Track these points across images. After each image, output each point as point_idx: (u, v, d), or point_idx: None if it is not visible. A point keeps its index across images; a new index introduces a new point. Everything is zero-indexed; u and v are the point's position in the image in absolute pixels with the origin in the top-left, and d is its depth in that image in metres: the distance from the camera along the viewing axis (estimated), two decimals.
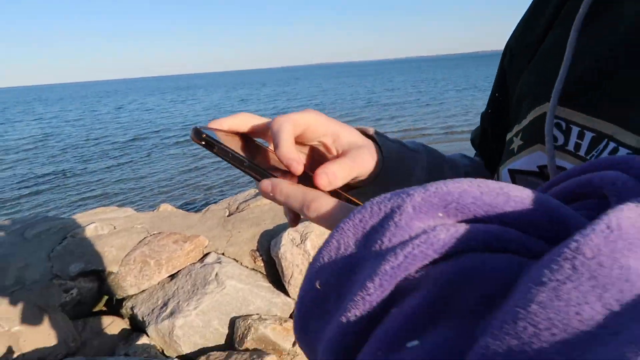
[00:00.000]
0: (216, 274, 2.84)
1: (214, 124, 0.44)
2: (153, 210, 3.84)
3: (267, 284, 2.96)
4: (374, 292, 0.22)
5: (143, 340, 2.53)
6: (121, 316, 2.78)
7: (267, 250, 3.18)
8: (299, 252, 3.00)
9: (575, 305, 0.17)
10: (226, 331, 2.63)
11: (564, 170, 0.43)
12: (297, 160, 0.39)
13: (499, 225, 0.23)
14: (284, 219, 3.51)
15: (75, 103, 40.51)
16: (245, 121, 0.46)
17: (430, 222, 0.24)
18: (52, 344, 2.40)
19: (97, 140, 15.19)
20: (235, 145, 0.42)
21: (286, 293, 2.91)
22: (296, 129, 0.44)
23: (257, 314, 2.70)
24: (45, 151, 13.67)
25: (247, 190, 4.22)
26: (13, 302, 2.53)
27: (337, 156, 0.46)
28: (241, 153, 0.40)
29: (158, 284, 2.87)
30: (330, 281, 0.25)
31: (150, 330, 2.56)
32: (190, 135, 0.40)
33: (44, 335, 2.42)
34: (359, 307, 0.22)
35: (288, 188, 0.36)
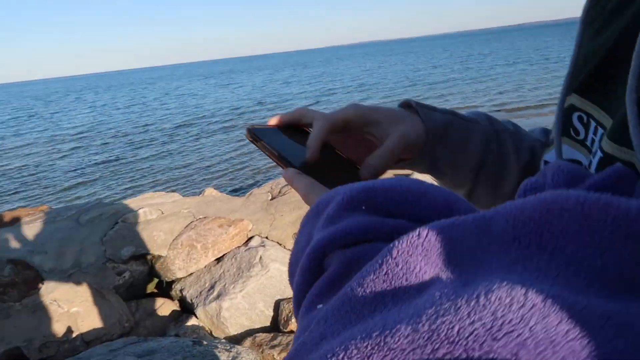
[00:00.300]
0: (260, 257, 2.89)
1: (272, 121, 0.53)
2: (198, 195, 3.93)
3: None
4: (305, 265, 0.28)
5: (192, 321, 2.62)
6: (171, 298, 2.88)
7: None
8: None
9: (366, 293, 0.21)
10: (271, 313, 2.68)
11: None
12: (312, 150, 0.47)
13: (406, 221, 0.28)
14: None
15: (124, 90, 41.99)
16: (299, 116, 0.53)
17: (354, 213, 0.29)
18: (107, 325, 2.52)
19: (146, 127, 15.71)
20: (285, 139, 0.50)
21: None
22: (334, 126, 0.49)
23: None
24: (99, 139, 14.28)
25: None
26: (71, 284, 2.67)
27: (380, 142, 0.50)
28: (281, 147, 0.48)
29: (205, 267, 2.95)
30: (298, 250, 0.32)
31: (198, 312, 2.64)
32: (245, 134, 0.49)
33: (100, 316, 2.55)
34: (300, 275, 0.29)
35: (298, 178, 0.43)
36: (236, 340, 2.54)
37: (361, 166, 0.48)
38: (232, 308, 2.61)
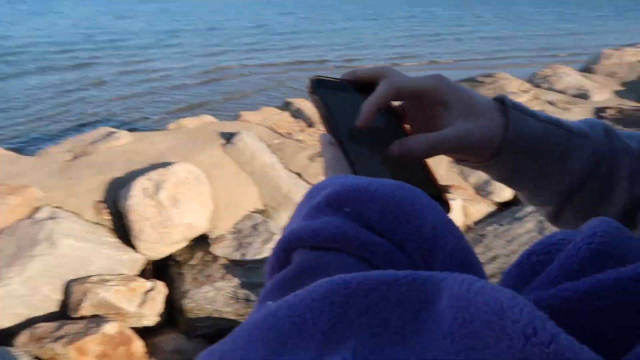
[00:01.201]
0: (49, 232, 2.46)
1: (346, 75, 0.49)
2: None
3: (113, 240, 2.66)
4: (275, 252, 0.29)
5: None
6: None
7: (115, 201, 2.83)
8: (151, 203, 2.70)
9: (274, 322, 0.22)
10: (60, 297, 2.33)
11: None
12: (363, 116, 0.42)
13: (384, 239, 0.27)
14: (139, 165, 3.13)
15: None
16: (377, 74, 0.46)
17: (335, 213, 0.29)
18: None
19: None
20: (348, 97, 0.46)
21: (135, 249, 2.63)
22: (400, 93, 0.44)
23: (98, 275, 2.41)
24: None
25: (98, 129, 3.71)
26: None
27: (440, 128, 0.45)
28: (335, 107, 0.44)
29: None
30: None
31: None
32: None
33: None
34: (269, 260, 0.30)
35: (327, 148, 0.42)
36: (11, 333, 2.15)
37: (395, 141, 0.43)
38: (6, 297, 2.19)
